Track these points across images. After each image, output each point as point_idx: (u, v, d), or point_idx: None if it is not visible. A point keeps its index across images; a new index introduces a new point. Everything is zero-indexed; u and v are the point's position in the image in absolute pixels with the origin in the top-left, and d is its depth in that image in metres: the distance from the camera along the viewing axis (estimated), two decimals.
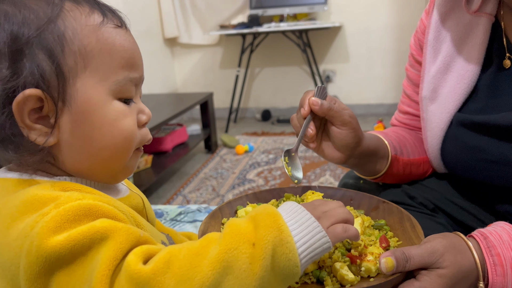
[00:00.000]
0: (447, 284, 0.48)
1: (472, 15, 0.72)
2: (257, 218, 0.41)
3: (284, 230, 0.40)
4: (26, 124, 0.42)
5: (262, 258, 0.38)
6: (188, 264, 0.37)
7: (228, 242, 0.38)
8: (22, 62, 0.41)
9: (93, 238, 0.37)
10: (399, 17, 3.53)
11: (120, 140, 0.46)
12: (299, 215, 0.42)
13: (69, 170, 0.46)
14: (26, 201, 0.40)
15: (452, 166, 0.78)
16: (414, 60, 0.85)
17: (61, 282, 0.37)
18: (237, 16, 3.84)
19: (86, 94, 0.43)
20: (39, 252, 0.36)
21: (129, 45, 0.47)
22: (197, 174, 2.61)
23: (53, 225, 0.37)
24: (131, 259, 0.37)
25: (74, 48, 0.42)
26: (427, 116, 0.79)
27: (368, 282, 0.48)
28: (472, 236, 0.54)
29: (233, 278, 0.37)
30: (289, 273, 0.39)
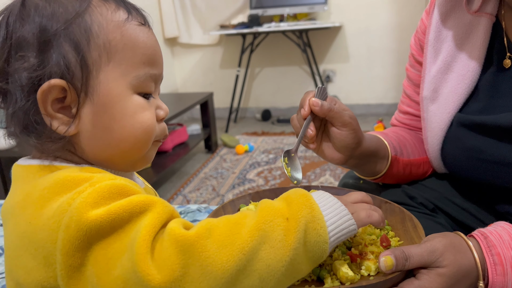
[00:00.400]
0: (446, 283, 0.48)
1: (472, 15, 0.72)
2: (289, 197, 0.44)
3: (315, 208, 0.43)
4: (48, 113, 0.43)
5: (296, 230, 0.40)
6: (228, 231, 0.39)
7: (264, 215, 0.41)
8: (49, 52, 0.42)
9: (132, 211, 0.39)
10: (399, 17, 3.53)
11: (140, 133, 0.47)
12: (327, 199, 0.45)
13: (89, 159, 0.47)
14: (58, 182, 0.42)
15: (452, 167, 0.78)
16: (414, 60, 0.85)
17: (98, 256, 0.38)
18: (237, 16, 3.84)
19: (108, 87, 0.45)
20: (79, 226, 0.38)
21: (151, 43, 0.48)
22: (197, 174, 2.62)
23: (91, 200, 0.39)
24: (174, 226, 0.39)
25: (99, 42, 0.44)
26: (427, 116, 0.79)
27: (367, 280, 0.48)
28: (473, 235, 0.53)
29: (269, 247, 0.39)
30: (318, 250, 0.42)
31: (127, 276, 0.37)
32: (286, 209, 0.42)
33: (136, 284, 0.37)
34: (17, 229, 0.43)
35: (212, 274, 0.37)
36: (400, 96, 0.91)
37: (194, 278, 0.37)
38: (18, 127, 0.45)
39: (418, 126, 0.87)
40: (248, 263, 0.38)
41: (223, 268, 0.37)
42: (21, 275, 0.42)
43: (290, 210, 0.42)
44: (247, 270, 0.38)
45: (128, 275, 0.37)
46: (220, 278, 0.37)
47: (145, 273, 0.36)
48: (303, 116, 0.65)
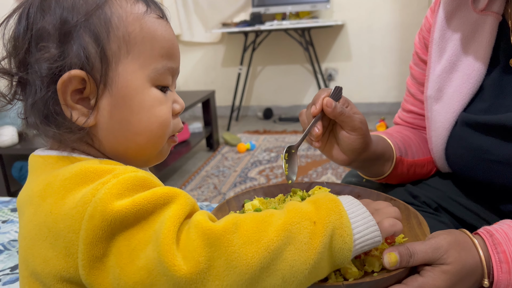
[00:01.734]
0: (450, 280, 0.48)
1: (478, 13, 0.71)
2: (318, 201, 0.43)
3: (344, 215, 0.42)
4: (68, 103, 0.44)
5: (323, 235, 0.40)
6: (255, 228, 0.39)
7: (291, 216, 0.41)
8: (69, 44, 0.43)
9: (156, 203, 0.39)
10: (402, 15, 3.52)
11: (156, 126, 0.47)
12: (356, 207, 0.44)
13: (106, 151, 0.48)
14: (80, 173, 0.42)
15: (456, 166, 0.77)
16: (418, 58, 0.84)
17: (121, 247, 0.38)
18: (240, 14, 3.83)
19: (127, 79, 0.45)
20: (104, 216, 0.38)
21: (169, 36, 0.49)
22: (198, 172, 2.62)
23: (115, 191, 0.39)
24: (201, 218, 0.39)
25: (118, 34, 0.44)
26: (431, 115, 0.78)
27: (371, 276, 0.48)
28: (478, 233, 0.53)
29: (294, 249, 0.39)
30: (342, 257, 0.42)
31: (152, 267, 0.37)
32: (314, 213, 0.42)
33: (161, 274, 0.37)
34: (36, 218, 0.43)
35: (237, 269, 0.37)
36: (402, 94, 0.91)
37: (219, 271, 0.37)
38: (38, 117, 0.45)
39: (422, 125, 0.87)
40: (272, 261, 0.38)
41: (248, 264, 0.37)
42: (39, 264, 0.42)
43: (318, 214, 0.42)
44: (271, 268, 0.38)
45: (152, 265, 0.37)
46: (244, 273, 0.37)
47: (172, 263, 0.36)
48: (312, 113, 0.64)
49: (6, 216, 1.10)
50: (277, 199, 0.64)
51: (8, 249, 0.93)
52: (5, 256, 0.91)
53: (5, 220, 1.07)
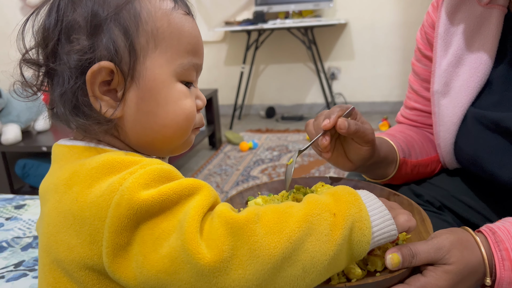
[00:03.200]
0: (453, 280, 0.48)
1: (484, 7, 0.71)
2: (337, 193, 0.44)
3: (363, 209, 0.43)
4: (96, 95, 0.44)
5: (343, 227, 0.41)
6: (277, 218, 0.40)
7: (311, 207, 0.41)
8: (99, 36, 0.44)
9: (181, 194, 0.40)
10: (405, 14, 3.51)
11: (182, 119, 0.48)
12: (373, 201, 0.45)
13: (131, 143, 0.49)
14: (107, 163, 0.42)
15: (465, 162, 0.77)
16: (421, 54, 0.84)
17: (145, 235, 0.39)
18: (242, 13, 3.83)
19: (154, 73, 0.46)
20: (130, 205, 0.38)
21: (195, 33, 0.50)
22: (201, 170, 2.62)
23: (142, 181, 0.40)
24: (224, 208, 0.40)
25: (147, 28, 0.45)
26: (439, 110, 0.78)
27: (374, 277, 0.48)
28: (480, 231, 0.53)
29: (315, 240, 0.40)
30: (360, 249, 0.43)
31: (175, 255, 0.38)
32: (333, 205, 0.42)
33: (185, 262, 0.37)
34: (61, 206, 0.43)
35: (260, 258, 0.37)
36: (405, 93, 0.90)
37: (242, 260, 0.37)
38: (67, 108, 0.46)
39: (425, 122, 0.86)
40: (294, 252, 0.39)
41: (270, 254, 0.38)
42: (62, 251, 0.43)
43: (338, 206, 0.42)
44: (292, 259, 0.39)
45: (176, 254, 0.38)
46: (267, 263, 0.37)
47: (196, 251, 0.37)
48: (324, 128, 0.63)
49: (9, 213, 1.10)
50: (280, 195, 0.64)
51: (12, 246, 0.94)
52: (9, 253, 0.91)
53: (9, 217, 1.07)
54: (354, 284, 0.46)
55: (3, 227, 1.02)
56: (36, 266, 0.85)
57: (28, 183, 2.26)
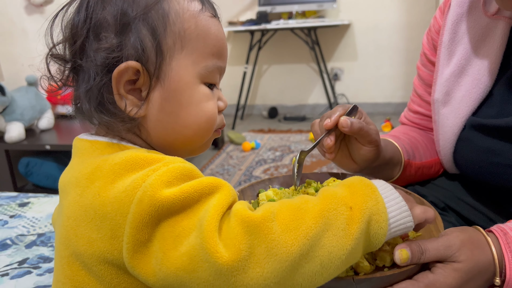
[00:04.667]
0: (462, 278, 0.47)
1: (490, 17, 0.70)
2: (354, 186, 0.44)
3: (380, 202, 0.43)
4: (120, 93, 0.45)
5: (360, 221, 0.41)
6: (293, 216, 0.39)
7: (327, 202, 0.41)
8: (127, 35, 0.44)
9: (202, 192, 0.40)
10: (408, 15, 3.51)
11: (204, 121, 0.49)
12: (389, 192, 0.45)
13: (153, 143, 0.49)
14: (130, 159, 0.43)
15: (465, 169, 0.77)
16: (426, 59, 0.84)
17: (165, 232, 0.39)
18: (246, 13, 3.83)
19: (179, 74, 0.46)
20: (152, 201, 0.39)
21: (221, 35, 0.50)
22: (203, 170, 2.62)
23: (165, 179, 0.40)
24: (240, 207, 0.40)
25: (175, 29, 0.46)
26: (439, 119, 0.78)
27: (382, 272, 0.48)
28: (491, 231, 0.53)
29: (332, 235, 0.39)
30: (376, 241, 0.42)
31: (194, 253, 0.38)
32: (349, 198, 0.42)
33: (203, 260, 0.37)
34: (82, 200, 0.43)
35: (277, 256, 0.37)
36: (408, 95, 0.90)
37: (259, 258, 0.37)
38: (92, 104, 0.46)
39: (428, 126, 0.86)
40: (311, 248, 0.38)
41: (288, 251, 0.37)
42: (82, 245, 0.43)
43: (354, 200, 0.42)
44: (310, 255, 0.38)
45: (195, 252, 0.38)
46: (285, 260, 0.37)
47: (214, 249, 0.37)
48: (325, 127, 0.64)
49: (13, 211, 1.11)
50: (291, 189, 0.64)
51: (16, 243, 0.94)
52: (13, 250, 0.91)
53: (13, 215, 1.08)
54: (361, 277, 0.46)
55: (7, 224, 1.03)
56: (40, 264, 0.85)
57: (31, 181, 2.26)
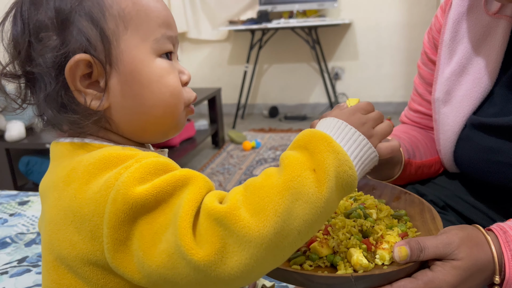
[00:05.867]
0: (461, 276, 0.47)
1: (491, 16, 0.70)
2: (309, 145, 0.42)
3: (340, 151, 0.42)
4: (78, 89, 0.44)
5: (327, 180, 0.40)
6: (258, 196, 0.39)
7: (290, 171, 0.40)
8: (68, 30, 0.44)
9: (176, 185, 0.40)
10: (410, 15, 3.50)
11: (169, 96, 0.48)
12: (344, 132, 0.45)
13: (125, 133, 0.48)
14: (103, 158, 0.43)
15: (465, 168, 0.76)
16: (427, 58, 0.83)
17: (143, 230, 0.39)
18: (246, 12, 3.83)
19: (131, 55, 0.46)
20: (125, 199, 0.39)
21: (162, 6, 0.49)
22: (204, 169, 2.62)
23: (138, 175, 0.40)
24: (207, 200, 0.39)
25: (113, 12, 0.45)
26: (439, 118, 0.77)
27: (380, 269, 0.48)
28: (491, 229, 0.53)
29: (303, 203, 0.39)
30: (349, 188, 0.42)
31: (171, 251, 0.38)
32: (310, 160, 0.41)
33: (181, 258, 0.37)
34: (60, 203, 0.43)
35: (252, 242, 0.37)
36: (409, 94, 0.90)
37: (234, 248, 0.37)
38: (54, 109, 0.46)
39: (429, 125, 0.86)
40: (284, 223, 0.38)
41: (261, 235, 0.37)
42: (65, 248, 0.43)
43: (315, 160, 0.41)
44: (285, 230, 0.38)
45: (172, 250, 0.38)
46: (260, 244, 0.37)
47: (188, 247, 0.37)
48: None
49: (13, 209, 1.11)
50: None
51: (16, 242, 0.94)
52: (13, 249, 0.91)
53: (13, 214, 1.08)
54: (360, 275, 0.46)
55: (7, 223, 1.03)
56: (39, 262, 0.85)
57: (31, 180, 2.26)
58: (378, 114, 0.49)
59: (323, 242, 0.51)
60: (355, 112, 0.48)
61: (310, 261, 0.50)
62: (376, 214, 0.57)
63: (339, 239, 0.51)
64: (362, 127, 0.46)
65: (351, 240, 0.51)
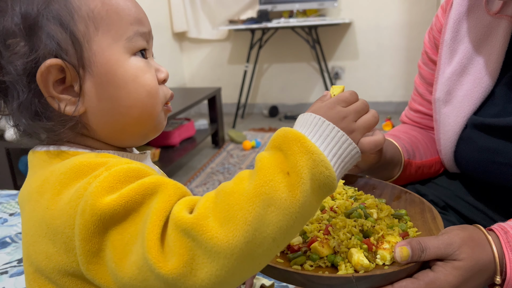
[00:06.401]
0: (462, 276, 0.47)
1: (492, 16, 0.70)
2: (283, 146, 0.40)
3: (314, 151, 0.39)
4: (53, 95, 0.43)
5: (300, 184, 0.38)
6: (227, 204, 0.37)
7: (262, 175, 0.38)
8: (37, 36, 0.42)
9: (145, 193, 0.39)
10: (410, 14, 3.50)
11: (145, 95, 0.47)
12: (321, 129, 0.42)
13: (103, 137, 0.47)
14: (74, 167, 0.41)
15: (466, 168, 0.76)
16: (428, 58, 0.83)
17: (114, 241, 0.38)
18: (247, 11, 3.83)
19: (104, 56, 0.45)
20: (93, 211, 0.37)
21: (132, 3, 0.48)
22: (204, 168, 2.62)
23: (106, 184, 0.39)
24: (175, 209, 0.38)
25: (82, 13, 0.44)
26: (440, 118, 0.77)
27: (382, 269, 0.48)
28: (492, 229, 0.53)
29: (276, 209, 0.37)
30: (327, 189, 0.40)
31: (141, 263, 0.36)
32: (284, 162, 0.39)
33: (150, 271, 0.36)
34: (35, 215, 0.43)
35: (221, 253, 0.35)
36: (409, 94, 0.90)
37: (203, 260, 0.35)
38: (28, 117, 0.44)
39: (429, 125, 0.86)
40: (256, 231, 0.36)
41: (231, 245, 0.35)
42: (42, 260, 0.42)
43: (289, 162, 0.39)
44: (258, 238, 0.36)
45: (141, 262, 0.36)
46: (230, 255, 0.35)
47: (156, 260, 0.36)
48: None
49: (13, 209, 1.11)
50: None
51: (15, 241, 0.94)
52: (12, 248, 0.91)
53: (12, 213, 1.08)
54: (361, 275, 0.46)
55: (6, 222, 1.03)
56: None
57: None
58: (361, 105, 0.46)
59: (324, 242, 0.51)
60: (334, 105, 0.45)
61: (311, 261, 0.50)
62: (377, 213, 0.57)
63: (340, 239, 0.51)
64: (341, 121, 0.43)
65: (352, 240, 0.50)
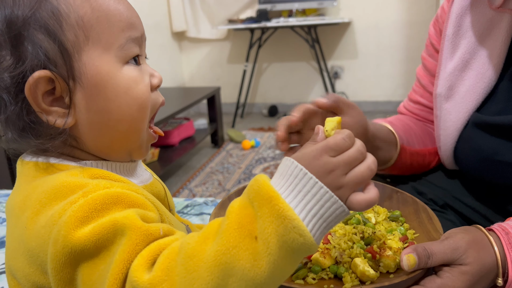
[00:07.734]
0: (469, 281, 0.47)
1: (495, 10, 0.69)
2: (255, 203, 0.35)
3: (286, 216, 0.34)
4: (42, 108, 0.41)
5: (267, 253, 0.33)
6: (185, 270, 0.34)
7: (227, 239, 0.34)
8: (23, 46, 0.40)
9: (116, 232, 0.37)
10: (409, 14, 3.50)
11: (136, 109, 0.45)
12: (301, 182, 0.36)
13: (92, 149, 0.46)
14: (55, 187, 0.40)
15: (465, 166, 0.76)
16: (433, 49, 0.82)
17: (84, 275, 0.37)
18: (246, 11, 3.82)
19: (95, 66, 0.42)
20: (65, 243, 0.37)
21: (124, 7, 0.45)
22: (203, 168, 2.61)
23: (80, 214, 0.37)
24: (135, 265, 0.35)
25: (71, 21, 0.41)
26: (441, 114, 0.77)
27: (389, 279, 0.47)
28: (493, 230, 0.52)
29: (238, 280, 0.33)
30: (305, 252, 0.35)
31: None
32: (254, 223, 0.35)
33: None
34: (16, 231, 0.42)
35: None
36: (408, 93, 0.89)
37: None
38: (15, 132, 0.43)
39: (427, 118, 0.85)
40: None
41: None
42: (21, 277, 0.42)
43: (258, 225, 0.34)
44: None
45: None
46: None
47: None
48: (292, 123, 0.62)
49: None
50: None
51: None
52: None
53: None
54: (369, 287, 0.45)
55: (4, 222, 1.02)
56: None
57: None
58: (355, 154, 0.38)
59: (325, 252, 0.49)
60: (321, 154, 0.37)
61: (313, 273, 0.48)
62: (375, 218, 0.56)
63: (342, 248, 0.50)
64: (327, 176, 0.36)
65: (354, 249, 0.49)
